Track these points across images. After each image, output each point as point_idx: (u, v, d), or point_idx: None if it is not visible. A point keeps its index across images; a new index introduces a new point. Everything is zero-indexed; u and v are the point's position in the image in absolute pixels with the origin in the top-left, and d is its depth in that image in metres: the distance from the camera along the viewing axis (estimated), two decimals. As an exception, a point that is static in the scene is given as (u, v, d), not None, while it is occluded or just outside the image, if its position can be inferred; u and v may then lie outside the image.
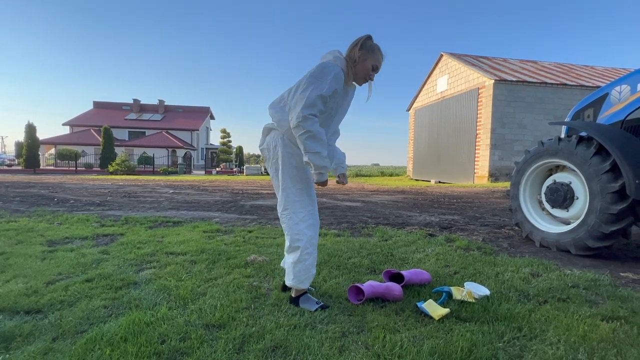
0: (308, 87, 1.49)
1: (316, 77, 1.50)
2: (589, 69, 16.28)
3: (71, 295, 1.72)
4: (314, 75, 1.51)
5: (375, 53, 1.61)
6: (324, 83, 1.49)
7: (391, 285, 1.72)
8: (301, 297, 1.65)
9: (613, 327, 1.43)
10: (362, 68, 1.59)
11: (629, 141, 2.43)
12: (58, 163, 25.61)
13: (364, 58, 1.58)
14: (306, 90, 1.48)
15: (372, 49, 1.59)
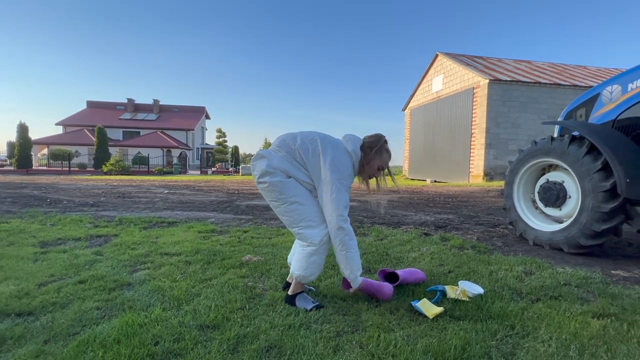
0: (339, 192, 1.58)
1: (341, 180, 1.60)
2: (582, 69, 16.47)
3: (63, 297, 1.70)
4: (340, 181, 1.59)
5: (384, 156, 1.73)
6: (348, 181, 1.63)
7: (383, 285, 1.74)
8: (298, 295, 1.65)
9: (604, 324, 1.45)
10: (369, 167, 1.72)
11: (619, 141, 2.47)
12: (51, 163, 25.33)
13: (373, 159, 1.71)
14: (339, 197, 1.58)
15: (381, 152, 1.71)
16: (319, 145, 1.64)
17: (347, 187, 1.63)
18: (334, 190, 1.57)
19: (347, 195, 1.61)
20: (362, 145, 1.71)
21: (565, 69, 15.89)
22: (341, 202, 1.58)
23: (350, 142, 1.71)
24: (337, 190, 1.57)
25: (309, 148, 1.64)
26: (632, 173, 2.30)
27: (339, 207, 1.57)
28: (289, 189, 1.61)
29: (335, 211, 1.57)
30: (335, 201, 1.57)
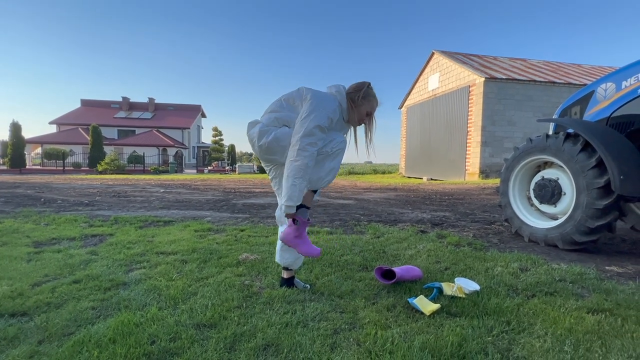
0: (308, 115, 1.57)
1: (315, 106, 1.60)
2: (577, 67, 16.60)
3: (58, 297, 1.69)
4: (313, 105, 1.60)
5: (371, 101, 1.74)
6: (322, 114, 1.59)
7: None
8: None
9: (598, 319, 1.47)
10: (357, 112, 1.73)
11: (613, 138, 2.49)
12: (45, 162, 25.07)
13: (360, 104, 1.71)
14: (306, 120, 1.57)
15: (368, 97, 1.72)
16: (303, 90, 1.69)
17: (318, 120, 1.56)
18: (306, 115, 1.57)
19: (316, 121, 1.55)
20: (347, 92, 1.73)
21: (560, 67, 16.00)
22: (306, 124, 1.55)
23: (333, 87, 1.76)
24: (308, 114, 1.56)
25: (294, 95, 1.70)
26: (625, 170, 2.32)
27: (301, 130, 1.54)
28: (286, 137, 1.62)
29: (297, 134, 1.55)
30: (301, 124, 1.56)
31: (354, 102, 1.71)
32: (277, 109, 1.71)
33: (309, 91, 1.67)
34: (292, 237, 1.66)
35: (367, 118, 1.76)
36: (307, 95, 1.65)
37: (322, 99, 1.63)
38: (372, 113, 1.77)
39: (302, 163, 1.53)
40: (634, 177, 2.32)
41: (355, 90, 1.72)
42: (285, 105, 1.71)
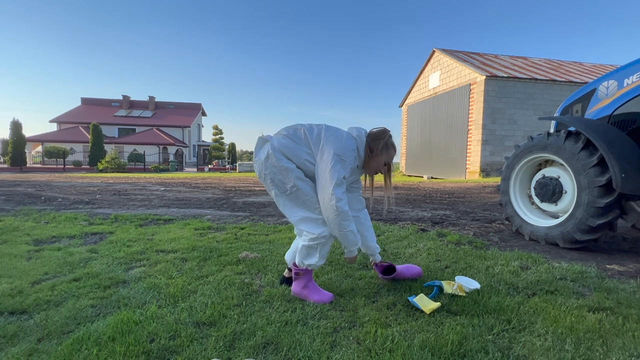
0: (334, 166, 1.55)
1: (340, 156, 1.57)
2: (578, 65, 16.54)
3: (58, 295, 1.68)
4: (338, 155, 1.56)
5: (390, 151, 1.72)
6: (345, 165, 1.58)
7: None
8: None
9: (599, 317, 1.46)
10: (375, 162, 1.70)
11: (615, 136, 2.47)
12: (45, 161, 25.09)
13: (379, 155, 1.69)
14: (333, 171, 1.55)
15: (387, 147, 1.70)
16: (322, 128, 1.65)
17: (346, 165, 1.57)
18: (331, 165, 1.54)
19: (343, 172, 1.56)
20: (367, 137, 1.69)
21: (561, 65, 15.94)
22: (335, 177, 1.53)
23: (355, 129, 1.72)
24: (333, 165, 1.54)
25: (314, 129, 1.65)
26: (627, 168, 2.31)
27: (332, 182, 1.53)
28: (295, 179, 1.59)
29: (329, 188, 1.53)
30: (330, 176, 1.53)
31: (372, 152, 1.68)
32: (295, 138, 1.65)
33: (330, 136, 1.61)
34: (300, 289, 1.67)
35: (384, 168, 1.74)
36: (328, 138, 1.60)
37: (345, 148, 1.59)
38: (390, 162, 1.74)
39: (343, 213, 1.55)
40: (635, 176, 2.31)
41: (375, 139, 1.68)
42: (303, 138, 1.64)
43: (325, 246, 1.66)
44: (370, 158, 1.69)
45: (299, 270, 1.68)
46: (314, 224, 1.62)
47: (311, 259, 1.65)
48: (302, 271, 1.68)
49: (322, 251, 1.65)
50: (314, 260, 1.65)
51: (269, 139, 1.67)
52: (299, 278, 1.69)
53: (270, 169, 1.61)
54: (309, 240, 1.63)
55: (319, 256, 1.65)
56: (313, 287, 1.68)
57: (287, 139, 1.65)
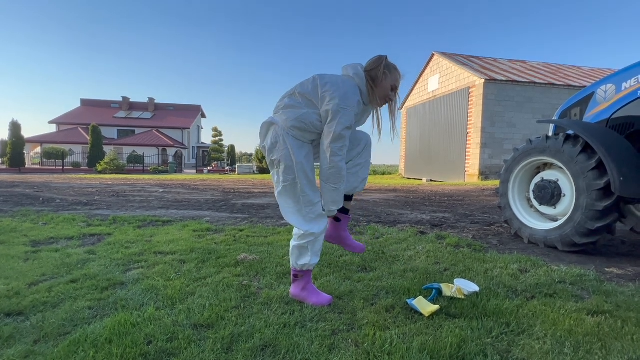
0: (334, 118, 1.48)
1: (339, 105, 1.48)
2: (576, 69, 16.62)
3: (55, 296, 1.67)
4: (337, 104, 1.48)
5: (394, 73, 1.60)
6: (348, 114, 1.49)
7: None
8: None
9: (598, 321, 1.46)
10: (381, 89, 1.58)
11: (614, 139, 2.48)
12: (44, 162, 25.06)
13: (383, 79, 1.57)
14: (332, 123, 1.48)
15: (389, 69, 1.59)
16: (317, 79, 1.55)
17: (347, 121, 1.48)
18: (331, 118, 1.47)
19: (346, 123, 1.47)
20: (365, 69, 1.58)
21: (560, 69, 16.02)
22: (335, 129, 1.46)
23: (350, 68, 1.60)
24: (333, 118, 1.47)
25: (309, 84, 1.56)
26: (625, 171, 2.32)
27: (330, 135, 1.47)
28: (298, 171, 1.55)
29: (326, 140, 1.49)
30: (329, 128, 1.48)
31: (374, 81, 1.56)
32: (294, 104, 1.56)
33: (326, 85, 1.52)
34: (299, 291, 1.66)
35: (392, 94, 1.61)
36: (326, 90, 1.51)
37: (345, 95, 1.49)
38: (398, 87, 1.61)
39: (337, 168, 1.51)
40: (634, 179, 2.31)
41: (374, 67, 1.56)
42: (302, 101, 1.56)
43: (316, 243, 1.62)
44: (375, 88, 1.56)
45: (297, 272, 1.68)
46: (302, 219, 1.60)
47: (304, 258, 1.64)
48: (299, 273, 1.67)
49: (313, 249, 1.62)
50: (307, 259, 1.63)
51: (274, 121, 1.59)
52: (298, 280, 1.68)
53: (276, 154, 1.57)
54: (298, 239, 1.62)
55: (311, 254, 1.63)
56: (312, 289, 1.67)
57: (289, 111, 1.56)
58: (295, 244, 1.65)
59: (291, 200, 1.62)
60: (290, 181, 1.58)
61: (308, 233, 1.59)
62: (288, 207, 1.63)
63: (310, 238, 1.60)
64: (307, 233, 1.59)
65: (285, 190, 1.61)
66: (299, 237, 1.62)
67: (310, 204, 1.60)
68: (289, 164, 1.56)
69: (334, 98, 1.49)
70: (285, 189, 1.60)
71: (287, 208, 1.64)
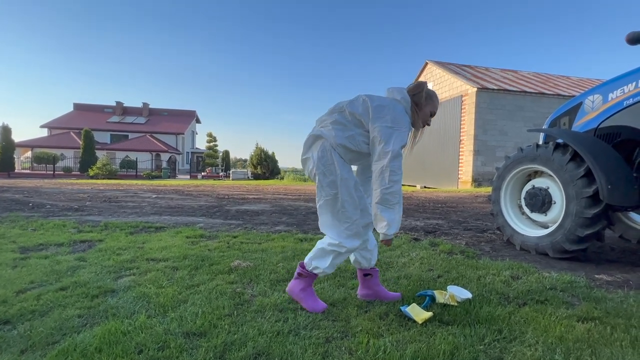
0: (390, 137, 1.52)
1: (394, 125, 1.54)
2: (565, 79, 17.01)
3: (43, 304, 1.64)
4: (392, 124, 1.54)
5: (434, 100, 1.71)
6: (403, 133, 1.55)
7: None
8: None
9: (588, 327, 1.48)
10: (423, 114, 1.69)
11: (601, 148, 2.54)
12: (35, 167, 24.66)
13: (425, 105, 1.67)
14: (389, 143, 1.52)
15: (431, 97, 1.69)
16: (367, 101, 1.59)
17: (402, 134, 1.53)
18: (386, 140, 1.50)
19: (401, 142, 1.52)
20: (410, 94, 1.66)
21: (550, 78, 16.38)
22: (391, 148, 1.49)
23: (396, 91, 1.67)
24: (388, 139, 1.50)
25: (359, 105, 1.60)
26: (613, 180, 2.37)
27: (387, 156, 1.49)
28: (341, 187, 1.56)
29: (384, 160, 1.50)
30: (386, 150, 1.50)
31: (418, 105, 1.65)
32: (345, 122, 1.60)
33: (378, 107, 1.57)
34: (297, 290, 1.65)
35: (430, 119, 1.71)
36: (379, 112, 1.55)
37: (398, 117, 1.56)
38: (435, 112, 1.71)
39: (397, 188, 1.53)
40: (621, 187, 2.37)
41: (417, 91, 1.66)
42: (352, 119, 1.60)
43: (339, 257, 1.62)
44: (419, 112, 1.66)
45: (303, 271, 1.66)
46: (338, 233, 1.60)
47: (321, 261, 1.62)
48: (305, 272, 1.66)
49: (334, 260, 1.61)
50: (323, 265, 1.61)
51: (322, 134, 1.61)
52: (300, 278, 1.66)
53: (322, 168, 1.58)
54: (328, 244, 1.61)
55: (330, 264, 1.61)
56: (310, 292, 1.66)
57: (338, 128, 1.59)
58: (321, 246, 1.64)
59: (330, 214, 1.62)
60: (332, 195, 1.59)
61: (341, 245, 1.58)
62: (326, 221, 1.64)
63: (340, 250, 1.59)
64: (340, 244, 1.58)
65: (325, 204, 1.62)
66: (330, 244, 1.61)
67: (348, 220, 1.59)
68: (334, 179, 1.58)
69: (388, 120, 1.54)
70: (327, 202, 1.61)
71: (325, 221, 1.65)
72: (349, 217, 1.59)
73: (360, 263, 1.77)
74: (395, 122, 1.55)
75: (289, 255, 2.58)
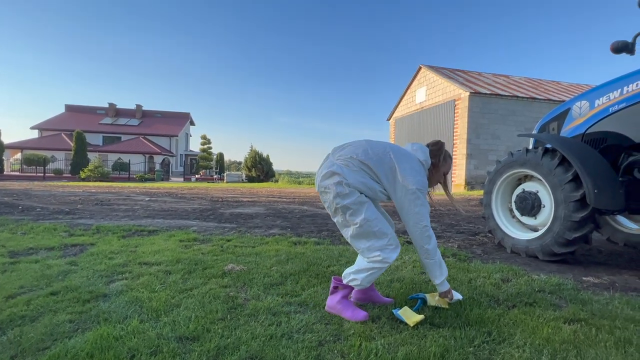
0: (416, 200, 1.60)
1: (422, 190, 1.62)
2: (556, 84, 17.33)
3: (33, 309, 1.63)
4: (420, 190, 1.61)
5: (448, 162, 1.81)
6: (424, 197, 1.64)
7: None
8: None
9: (574, 329, 1.51)
10: (437, 175, 1.79)
11: (588, 153, 2.61)
12: (24, 169, 24.23)
13: (441, 166, 1.77)
14: (423, 205, 1.61)
15: (447, 158, 1.80)
16: (392, 159, 1.64)
17: (425, 194, 1.65)
18: (418, 203, 1.60)
19: (428, 206, 1.64)
20: (436, 151, 1.77)
21: (541, 83, 16.68)
22: (425, 213, 1.62)
23: (419, 151, 1.75)
24: (420, 203, 1.60)
25: (384, 161, 1.63)
26: (599, 184, 2.43)
27: (424, 218, 1.61)
28: (365, 211, 1.59)
29: (421, 222, 1.61)
30: (420, 213, 1.60)
31: (435, 166, 1.75)
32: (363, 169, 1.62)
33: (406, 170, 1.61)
34: (334, 303, 1.66)
35: (442, 178, 1.82)
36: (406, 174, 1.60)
37: (422, 180, 1.64)
38: (448, 173, 1.83)
39: (433, 244, 1.64)
40: (607, 191, 2.43)
41: (436, 152, 1.76)
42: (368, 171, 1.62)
43: (380, 272, 1.62)
44: (433, 172, 1.76)
45: (339, 284, 1.68)
46: (381, 250, 1.59)
47: (358, 275, 1.60)
48: (341, 285, 1.67)
49: (371, 276, 1.60)
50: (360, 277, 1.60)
51: (339, 171, 1.60)
52: (337, 292, 1.68)
53: (340, 201, 1.57)
54: (369, 260, 1.60)
55: (366, 277, 1.59)
56: (347, 303, 1.65)
57: (355, 172, 1.60)
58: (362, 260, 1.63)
59: (364, 239, 1.61)
60: (360, 222, 1.58)
61: (385, 260, 1.57)
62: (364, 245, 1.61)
63: (383, 265, 1.59)
64: (384, 260, 1.57)
65: (357, 233, 1.60)
66: (373, 260, 1.59)
67: (385, 236, 1.61)
68: (355, 208, 1.58)
69: (415, 183, 1.61)
70: (358, 230, 1.59)
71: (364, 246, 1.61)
72: (384, 232, 1.61)
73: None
74: (422, 184, 1.63)
75: (283, 259, 2.59)
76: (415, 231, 1.63)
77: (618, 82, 2.65)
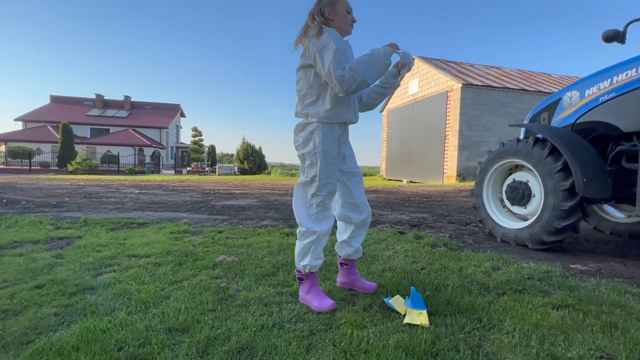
0: (321, 56, 1.44)
1: (319, 47, 1.46)
2: (546, 76, 17.48)
3: (17, 303, 1.58)
4: (317, 49, 1.46)
5: (339, 2, 1.57)
6: (329, 44, 1.45)
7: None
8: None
9: (562, 314, 1.54)
10: (339, 19, 1.57)
11: (578, 143, 2.63)
12: (9, 162, 23.60)
13: (333, 9, 1.55)
14: (323, 60, 1.44)
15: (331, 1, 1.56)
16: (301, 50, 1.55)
17: (331, 48, 1.43)
18: (319, 64, 1.45)
19: (332, 54, 1.42)
20: (313, 13, 1.57)
21: (531, 75, 16.80)
22: (331, 64, 1.41)
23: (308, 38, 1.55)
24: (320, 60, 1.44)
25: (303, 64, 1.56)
26: (588, 173, 2.46)
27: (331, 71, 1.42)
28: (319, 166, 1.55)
29: (330, 82, 1.46)
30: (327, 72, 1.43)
31: (324, 16, 1.54)
32: (304, 89, 1.57)
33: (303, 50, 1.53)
34: (304, 294, 1.65)
35: (350, 16, 1.60)
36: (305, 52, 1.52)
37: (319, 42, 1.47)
38: (351, 7, 1.61)
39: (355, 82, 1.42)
40: (595, 181, 2.46)
41: (317, 7, 1.56)
42: (302, 75, 1.57)
43: (318, 245, 1.62)
44: (333, 21, 1.56)
45: (301, 275, 1.67)
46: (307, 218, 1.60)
47: (304, 259, 1.62)
48: (303, 275, 1.66)
49: (315, 251, 1.61)
50: (306, 260, 1.62)
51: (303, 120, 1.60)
52: (302, 283, 1.67)
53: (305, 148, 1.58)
54: (300, 238, 1.63)
55: (311, 256, 1.61)
56: (315, 292, 1.64)
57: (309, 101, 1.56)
58: (298, 244, 1.65)
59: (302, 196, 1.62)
60: (310, 177, 1.59)
61: (310, 230, 1.59)
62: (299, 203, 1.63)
63: (312, 237, 1.59)
64: (309, 230, 1.59)
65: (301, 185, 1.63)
66: (301, 236, 1.62)
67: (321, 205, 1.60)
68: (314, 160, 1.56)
69: (312, 49, 1.48)
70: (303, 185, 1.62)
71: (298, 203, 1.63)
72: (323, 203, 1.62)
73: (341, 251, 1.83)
74: (318, 44, 1.46)
75: (275, 250, 2.57)
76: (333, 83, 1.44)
77: (608, 72, 2.67)
